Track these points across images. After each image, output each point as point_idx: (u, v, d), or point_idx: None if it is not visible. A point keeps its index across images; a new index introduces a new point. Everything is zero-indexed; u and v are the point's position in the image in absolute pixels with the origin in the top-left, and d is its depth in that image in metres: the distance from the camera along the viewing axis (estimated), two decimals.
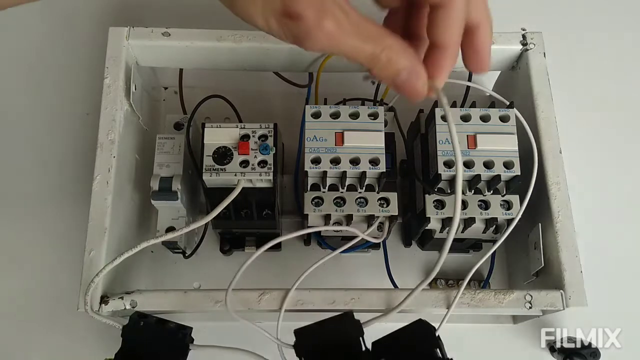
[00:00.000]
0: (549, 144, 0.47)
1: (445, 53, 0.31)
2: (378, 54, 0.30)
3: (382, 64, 0.30)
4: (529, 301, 0.43)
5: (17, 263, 0.56)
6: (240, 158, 0.45)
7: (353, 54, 0.30)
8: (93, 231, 0.44)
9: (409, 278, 0.55)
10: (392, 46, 0.30)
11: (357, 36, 0.29)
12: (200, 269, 0.55)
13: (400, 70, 0.31)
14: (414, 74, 0.31)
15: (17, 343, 0.54)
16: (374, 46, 0.30)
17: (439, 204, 0.46)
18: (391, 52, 0.30)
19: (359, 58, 0.30)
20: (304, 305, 0.43)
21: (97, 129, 0.47)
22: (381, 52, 0.30)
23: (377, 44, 0.30)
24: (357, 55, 0.30)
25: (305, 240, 0.55)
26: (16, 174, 0.59)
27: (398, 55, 0.31)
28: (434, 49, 0.32)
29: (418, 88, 0.32)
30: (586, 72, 0.64)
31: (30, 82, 0.63)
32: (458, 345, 0.43)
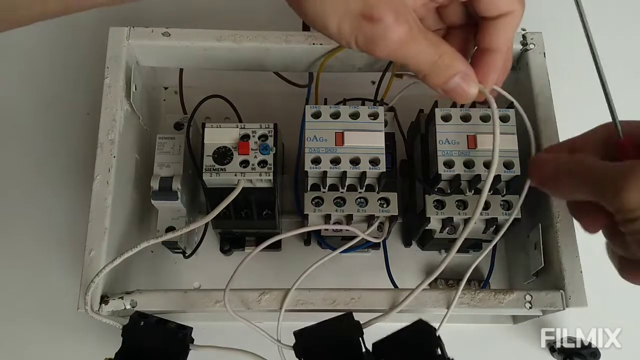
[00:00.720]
0: (549, 144, 0.47)
1: (497, 57, 0.34)
2: (436, 60, 0.32)
3: (439, 69, 0.32)
4: (529, 301, 0.43)
5: (17, 263, 0.56)
6: (240, 158, 0.45)
7: (416, 59, 0.32)
8: (93, 231, 0.44)
9: (409, 278, 0.55)
10: (448, 52, 0.32)
11: (421, 43, 0.31)
12: (200, 269, 0.55)
13: (455, 75, 0.33)
14: (467, 78, 0.33)
15: (17, 343, 0.54)
16: (434, 52, 0.32)
17: (439, 204, 0.46)
18: (447, 57, 0.32)
19: (421, 63, 0.32)
20: (304, 305, 0.43)
21: (97, 129, 0.47)
22: (439, 57, 0.32)
23: (436, 50, 0.32)
24: (419, 61, 0.32)
25: (305, 240, 0.55)
26: (16, 173, 0.59)
27: (453, 60, 0.33)
28: (486, 54, 0.34)
29: (470, 91, 0.34)
30: (586, 72, 0.64)
31: (30, 82, 0.63)
32: (458, 345, 0.43)
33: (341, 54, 0.50)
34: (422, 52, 0.31)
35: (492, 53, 0.34)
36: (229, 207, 0.45)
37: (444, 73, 0.33)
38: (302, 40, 0.50)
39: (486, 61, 0.34)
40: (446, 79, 0.33)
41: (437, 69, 0.32)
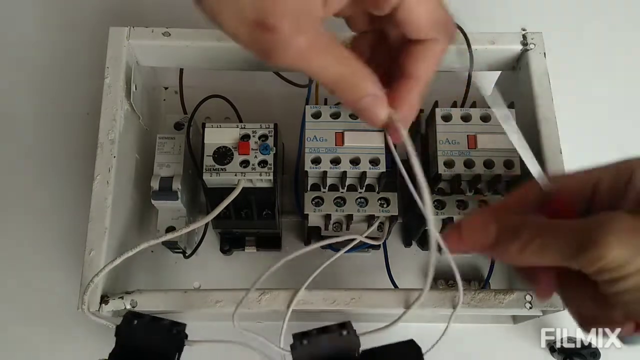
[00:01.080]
0: (549, 144, 0.47)
1: (412, 85, 0.31)
2: (345, 77, 0.29)
3: (347, 87, 0.30)
4: (529, 301, 0.43)
5: (17, 263, 0.56)
6: (240, 158, 0.45)
7: (320, 74, 0.29)
8: (93, 231, 0.44)
9: (409, 278, 0.55)
10: (359, 71, 0.30)
11: (326, 57, 0.28)
12: (200, 269, 0.55)
13: (364, 96, 0.30)
14: (375, 101, 0.31)
15: (17, 343, 0.54)
16: (342, 68, 0.29)
17: (440, 204, 0.46)
18: (357, 77, 0.30)
19: (326, 79, 0.29)
20: (304, 305, 0.43)
21: (97, 129, 0.47)
22: (349, 75, 0.30)
23: (345, 66, 0.29)
24: (323, 76, 0.29)
25: (306, 240, 0.55)
26: (16, 173, 0.59)
27: (364, 81, 0.30)
28: (403, 79, 0.31)
29: (380, 116, 0.31)
30: (586, 72, 0.64)
31: (31, 82, 0.63)
32: (458, 345, 0.43)
33: None
34: (326, 68, 0.29)
35: (408, 80, 0.32)
36: (229, 207, 0.45)
37: (351, 92, 0.30)
38: None
39: (401, 87, 0.31)
40: (355, 98, 0.30)
41: (344, 86, 0.30)
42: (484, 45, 0.50)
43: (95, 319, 0.43)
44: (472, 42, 0.49)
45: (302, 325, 0.51)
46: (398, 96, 0.31)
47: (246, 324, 0.42)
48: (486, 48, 0.51)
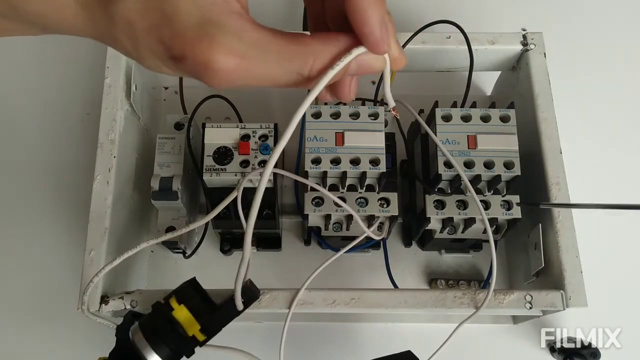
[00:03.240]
0: (549, 144, 0.47)
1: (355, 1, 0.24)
2: (308, 69, 0.24)
3: (316, 77, 0.25)
4: (529, 301, 0.43)
5: (17, 263, 0.56)
6: (240, 158, 0.45)
7: (273, 82, 0.25)
8: (93, 231, 0.44)
9: (409, 278, 0.55)
10: (319, 51, 0.25)
11: (268, 61, 0.24)
12: (200, 269, 0.55)
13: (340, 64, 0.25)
14: (363, 59, 0.25)
15: (17, 343, 0.54)
16: (297, 64, 0.24)
17: (439, 204, 0.46)
18: (321, 58, 0.24)
19: (285, 83, 0.25)
20: (305, 306, 0.42)
21: (97, 129, 0.47)
22: (312, 64, 0.24)
23: (300, 59, 0.24)
24: (279, 82, 0.25)
25: (306, 240, 0.55)
26: (16, 173, 0.59)
27: (324, 53, 0.25)
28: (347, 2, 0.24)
29: (375, 66, 0.26)
30: (586, 72, 0.64)
31: (31, 82, 0.63)
32: (458, 345, 0.43)
33: None
34: (273, 74, 0.24)
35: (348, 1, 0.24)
36: (229, 207, 0.45)
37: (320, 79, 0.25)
38: None
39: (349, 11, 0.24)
40: (339, 74, 0.25)
41: (312, 77, 0.24)
42: (484, 45, 0.50)
43: (95, 318, 0.43)
44: (472, 42, 0.49)
45: (302, 325, 0.51)
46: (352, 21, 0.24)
47: (246, 324, 0.42)
48: (486, 48, 0.51)
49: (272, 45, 0.24)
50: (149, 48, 0.24)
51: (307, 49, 0.24)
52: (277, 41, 0.24)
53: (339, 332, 0.53)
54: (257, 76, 0.24)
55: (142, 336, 0.35)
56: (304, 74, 0.25)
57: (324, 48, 0.25)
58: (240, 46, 0.23)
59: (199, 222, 0.44)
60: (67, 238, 0.56)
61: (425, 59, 0.52)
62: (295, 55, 0.24)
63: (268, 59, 0.24)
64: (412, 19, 0.61)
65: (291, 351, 0.44)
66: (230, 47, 0.23)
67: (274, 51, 0.24)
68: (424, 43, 0.50)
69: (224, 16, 0.23)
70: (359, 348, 0.53)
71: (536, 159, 0.47)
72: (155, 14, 0.23)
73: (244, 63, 0.23)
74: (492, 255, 0.43)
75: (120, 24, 0.24)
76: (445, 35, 0.50)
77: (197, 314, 0.35)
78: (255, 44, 0.23)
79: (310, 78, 0.25)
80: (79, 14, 0.24)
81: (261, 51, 0.24)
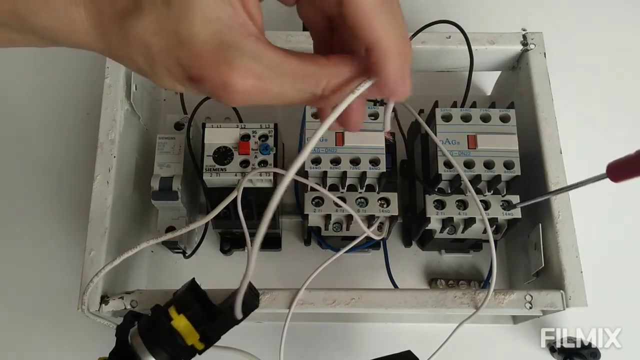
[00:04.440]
0: (549, 144, 0.47)
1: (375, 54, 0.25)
2: (321, 89, 0.25)
3: (329, 96, 0.25)
4: (529, 301, 0.43)
5: (17, 263, 0.56)
6: (240, 158, 0.45)
7: (288, 101, 0.25)
8: (93, 231, 0.44)
9: (409, 278, 0.55)
10: (332, 73, 0.25)
11: (283, 82, 0.24)
12: (200, 269, 0.55)
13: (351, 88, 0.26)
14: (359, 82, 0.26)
15: (17, 343, 0.54)
16: (311, 84, 0.25)
17: (439, 204, 0.46)
18: (334, 79, 0.25)
19: (298, 102, 0.26)
20: (305, 306, 0.42)
21: (97, 129, 0.47)
22: (325, 85, 0.25)
23: (313, 79, 0.25)
24: (293, 101, 0.25)
25: (306, 240, 0.55)
26: (16, 173, 0.59)
27: (341, 73, 0.26)
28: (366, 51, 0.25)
29: (380, 94, 0.27)
30: (586, 72, 0.64)
31: (31, 82, 0.63)
32: (458, 345, 0.43)
33: None
34: (286, 93, 0.25)
35: (368, 51, 0.25)
36: (229, 207, 0.45)
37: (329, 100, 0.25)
38: (302, 40, 0.50)
39: (370, 61, 0.25)
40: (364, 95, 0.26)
41: (327, 96, 0.25)
42: (484, 45, 0.50)
43: (95, 318, 0.43)
44: (472, 42, 0.49)
45: (302, 325, 0.51)
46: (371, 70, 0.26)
47: (246, 324, 0.42)
48: (486, 48, 0.51)
49: (286, 66, 0.25)
50: (165, 68, 0.24)
51: (321, 70, 0.25)
52: (292, 62, 0.25)
53: (339, 332, 0.53)
54: (272, 96, 0.25)
55: (142, 342, 0.35)
56: (317, 93, 0.25)
57: (338, 70, 0.26)
58: (257, 68, 0.24)
59: (199, 222, 0.44)
60: (67, 238, 0.56)
61: (425, 59, 0.52)
62: (309, 76, 0.25)
63: (283, 79, 0.25)
64: (412, 19, 0.61)
65: (291, 351, 0.44)
66: (247, 69, 0.23)
67: (288, 72, 0.25)
68: (424, 43, 0.50)
69: (240, 39, 0.24)
70: (359, 348, 0.53)
71: (536, 159, 0.47)
72: (171, 36, 0.23)
73: (260, 84, 0.24)
74: (492, 255, 0.43)
75: (136, 44, 0.24)
76: (445, 35, 0.50)
77: (196, 323, 0.35)
78: (271, 65, 0.24)
79: (322, 97, 0.26)
80: (91, 31, 0.24)
81: (276, 72, 0.24)
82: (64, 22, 0.24)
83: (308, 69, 0.25)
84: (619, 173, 0.35)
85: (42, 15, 0.24)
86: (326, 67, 0.25)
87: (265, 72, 0.24)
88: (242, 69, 0.23)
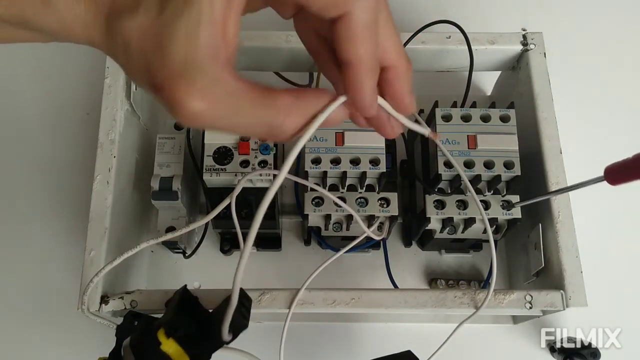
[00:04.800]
0: (549, 144, 0.47)
1: (354, 70, 0.26)
2: (279, 123, 0.25)
3: (281, 130, 0.26)
4: (529, 301, 0.43)
5: (17, 263, 0.56)
6: (240, 158, 0.45)
7: (244, 130, 0.26)
8: (93, 231, 0.44)
9: (409, 278, 0.55)
10: (291, 107, 0.26)
11: (239, 111, 0.25)
12: (200, 269, 0.55)
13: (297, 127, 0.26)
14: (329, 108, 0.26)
15: (17, 343, 0.54)
16: (268, 117, 0.25)
17: (439, 204, 0.46)
18: (292, 114, 0.26)
19: (257, 134, 0.26)
20: (305, 306, 0.42)
21: (97, 129, 0.47)
22: (282, 120, 0.25)
23: (273, 110, 0.25)
24: (250, 132, 0.26)
25: (306, 240, 0.55)
26: (16, 173, 0.59)
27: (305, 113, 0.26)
28: (345, 67, 0.26)
29: (339, 117, 0.27)
30: (586, 72, 0.64)
31: (31, 82, 0.63)
32: (458, 345, 0.43)
33: None
34: (245, 122, 0.25)
35: (349, 68, 0.26)
36: (229, 207, 0.45)
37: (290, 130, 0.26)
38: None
39: (348, 77, 0.26)
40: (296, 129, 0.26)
41: (278, 131, 0.26)
42: (484, 45, 0.50)
43: (95, 318, 0.43)
44: (472, 42, 0.49)
45: (302, 325, 0.51)
46: (347, 87, 0.26)
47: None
48: (486, 48, 0.51)
49: (246, 97, 0.25)
50: (136, 69, 0.25)
51: (280, 104, 0.25)
52: (252, 94, 0.25)
53: (339, 332, 0.53)
54: (226, 123, 0.25)
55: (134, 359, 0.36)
56: (275, 124, 0.26)
57: (298, 104, 0.26)
58: (215, 92, 0.24)
59: (199, 222, 0.45)
60: (67, 238, 0.56)
61: (425, 59, 0.52)
62: (268, 106, 0.25)
63: (240, 109, 0.25)
64: (412, 19, 0.61)
65: (291, 351, 0.44)
66: (204, 91, 0.23)
67: (247, 102, 0.25)
68: (424, 43, 0.50)
69: (209, 61, 0.24)
70: (359, 348, 0.53)
71: (536, 159, 0.47)
72: (151, 40, 0.24)
73: (215, 109, 0.24)
74: (492, 255, 0.43)
75: (119, 40, 0.25)
76: (445, 35, 0.50)
77: (186, 346, 0.35)
78: (231, 93, 0.24)
79: (282, 132, 0.26)
80: (91, 28, 0.26)
81: (235, 100, 0.24)
82: (66, 21, 0.25)
83: (266, 101, 0.25)
84: (616, 176, 0.35)
85: (44, 15, 0.25)
86: (285, 101, 0.26)
87: (223, 98, 0.24)
88: (199, 90, 0.23)
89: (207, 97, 0.24)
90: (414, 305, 0.43)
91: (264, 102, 0.25)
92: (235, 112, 0.25)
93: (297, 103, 0.26)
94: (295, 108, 0.26)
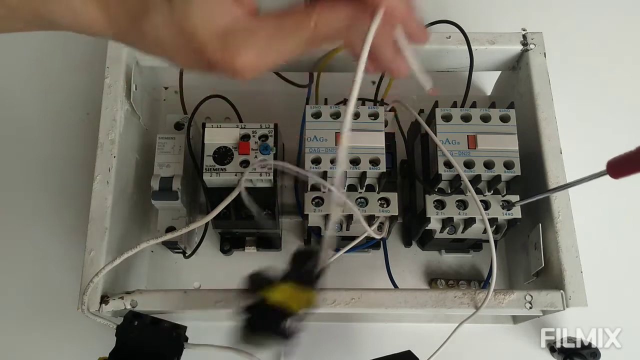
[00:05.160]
0: (549, 144, 0.47)
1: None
2: (312, 31, 0.27)
3: (321, 32, 0.28)
4: (529, 301, 0.43)
5: (17, 263, 0.56)
6: (240, 158, 0.45)
7: (289, 54, 0.28)
8: (93, 231, 0.44)
9: (409, 278, 0.55)
10: (320, 12, 0.27)
11: (279, 43, 0.28)
12: (200, 269, 0.55)
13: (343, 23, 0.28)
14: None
15: (17, 343, 0.53)
16: (303, 30, 0.27)
17: (439, 204, 0.46)
18: (322, 15, 0.27)
19: (300, 49, 0.28)
20: None
21: (97, 129, 0.47)
22: (314, 26, 0.27)
23: (303, 26, 0.27)
24: (294, 51, 0.28)
25: (306, 240, 0.55)
26: (16, 173, 0.59)
27: (333, 11, 0.28)
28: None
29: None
30: (586, 72, 0.64)
31: (31, 82, 0.63)
32: (458, 345, 0.43)
33: (341, 54, 0.50)
34: (286, 48, 0.28)
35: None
36: (229, 207, 0.45)
37: (328, 31, 0.28)
38: None
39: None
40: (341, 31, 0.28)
41: (320, 34, 0.27)
42: (484, 45, 0.50)
43: (95, 318, 0.43)
44: (472, 42, 0.49)
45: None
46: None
47: None
48: (486, 48, 0.51)
49: (278, 28, 0.28)
50: (181, 58, 0.28)
51: (307, 10, 0.28)
52: (282, 21, 0.28)
53: (339, 332, 0.53)
54: (275, 58, 0.28)
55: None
56: (310, 29, 0.27)
57: (322, 8, 0.28)
58: (254, 42, 0.27)
59: (199, 222, 0.45)
60: (67, 238, 0.56)
61: (425, 59, 0.52)
62: (298, 22, 0.28)
63: (278, 41, 0.27)
64: None
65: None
66: (247, 46, 0.27)
67: (281, 32, 0.28)
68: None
69: (233, 23, 0.27)
70: (359, 348, 0.53)
71: (536, 159, 0.48)
72: (177, 30, 0.27)
73: (262, 53, 0.27)
74: (492, 255, 0.43)
75: (151, 39, 0.27)
76: (445, 35, 0.50)
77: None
78: (265, 35, 0.27)
79: (316, 32, 0.28)
80: (106, 27, 0.28)
81: (271, 38, 0.27)
82: (82, 20, 0.27)
83: (297, 16, 0.28)
84: (618, 169, 0.35)
85: (60, 14, 0.27)
86: (312, 9, 0.28)
87: (262, 42, 0.27)
88: (242, 48, 0.27)
89: (251, 49, 0.27)
90: (414, 305, 0.43)
91: (294, 21, 0.28)
92: (277, 46, 0.27)
93: (319, 9, 0.28)
94: (320, 10, 0.28)
